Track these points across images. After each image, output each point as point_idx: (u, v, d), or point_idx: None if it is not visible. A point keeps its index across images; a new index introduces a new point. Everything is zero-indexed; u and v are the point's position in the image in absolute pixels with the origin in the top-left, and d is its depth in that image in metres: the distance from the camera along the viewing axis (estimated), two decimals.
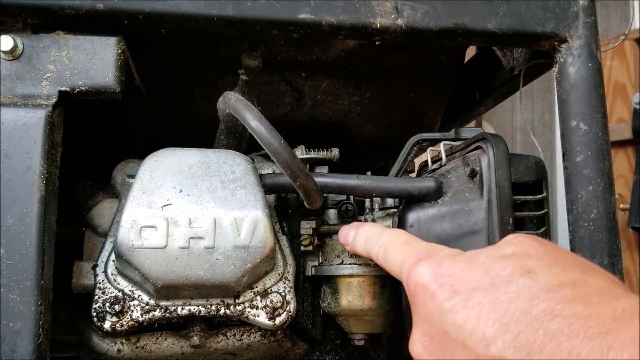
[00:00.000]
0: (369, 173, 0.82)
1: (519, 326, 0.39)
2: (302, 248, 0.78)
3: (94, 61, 0.62)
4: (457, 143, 0.73)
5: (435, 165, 0.74)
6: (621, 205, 2.44)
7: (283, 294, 0.70)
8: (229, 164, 0.70)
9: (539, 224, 0.65)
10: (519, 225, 0.64)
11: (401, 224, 0.72)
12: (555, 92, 0.71)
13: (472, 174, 0.64)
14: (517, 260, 0.44)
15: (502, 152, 0.62)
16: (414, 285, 0.48)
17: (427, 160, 0.77)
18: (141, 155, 0.70)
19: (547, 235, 0.65)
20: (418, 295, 0.48)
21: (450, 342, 0.43)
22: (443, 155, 0.72)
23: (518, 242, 0.47)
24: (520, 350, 0.38)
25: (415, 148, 0.77)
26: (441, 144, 0.73)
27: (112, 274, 0.68)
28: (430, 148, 0.76)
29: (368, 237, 0.63)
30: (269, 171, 0.78)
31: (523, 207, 0.65)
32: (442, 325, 0.44)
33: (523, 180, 0.64)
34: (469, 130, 0.75)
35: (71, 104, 0.63)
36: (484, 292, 0.43)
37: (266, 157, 0.80)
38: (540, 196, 0.65)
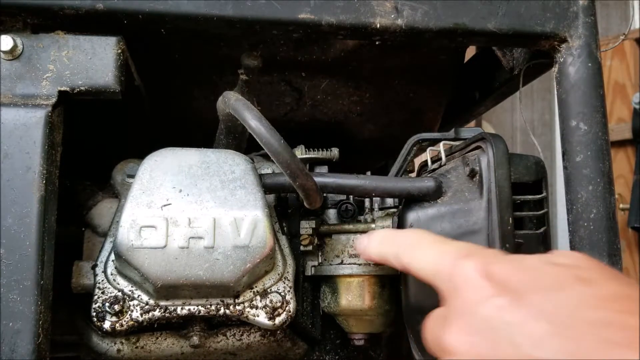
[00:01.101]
0: (368, 173, 0.82)
1: (570, 330, 0.39)
2: (301, 248, 0.78)
3: (94, 61, 0.62)
4: (457, 143, 0.73)
5: (435, 165, 0.74)
6: (621, 205, 2.44)
7: (283, 293, 0.70)
8: (228, 164, 0.70)
9: (538, 223, 0.65)
10: (519, 225, 0.64)
11: (401, 224, 0.72)
12: (555, 92, 0.71)
13: (472, 174, 0.64)
14: (571, 269, 0.44)
15: (502, 152, 0.62)
16: (460, 279, 0.47)
17: (426, 160, 0.77)
18: (141, 155, 0.70)
19: (547, 235, 0.65)
20: (463, 290, 0.46)
21: (497, 339, 0.42)
22: (443, 155, 0.72)
23: (569, 255, 0.46)
24: (569, 355, 0.38)
25: (415, 148, 0.77)
26: (441, 144, 0.73)
27: (111, 274, 0.68)
28: (430, 148, 0.76)
29: (382, 240, 0.60)
30: (269, 171, 0.78)
31: (523, 206, 0.65)
32: (490, 321, 0.43)
33: (523, 180, 0.64)
34: (468, 130, 0.75)
35: (71, 104, 0.63)
36: (536, 293, 0.42)
37: (266, 157, 0.80)
38: (540, 196, 0.65)
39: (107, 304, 0.66)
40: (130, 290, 0.67)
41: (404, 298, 0.71)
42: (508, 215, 0.61)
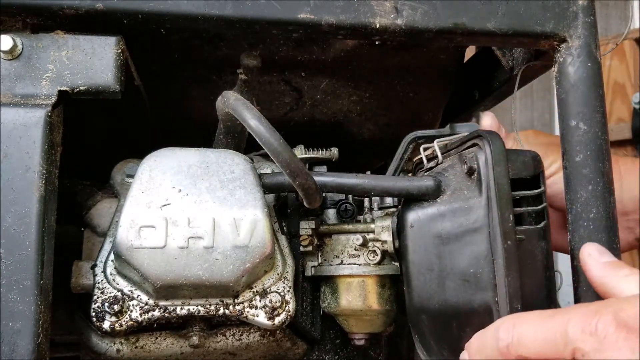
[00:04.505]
0: (368, 172, 0.82)
1: None
2: (301, 248, 0.78)
3: (94, 61, 0.62)
4: (452, 140, 0.74)
5: (432, 164, 0.74)
6: None
7: (282, 293, 0.70)
8: (228, 164, 0.70)
9: (538, 218, 0.65)
10: (519, 221, 0.64)
11: (401, 224, 0.72)
12: (555, 92, 0.71)
13: (470, 172, 0.64)
14: None
15: (499, 149, 0.62)
16: (599, 339, 0.45)
17: (421, 158, 0.77)
18: (140, 155, 0.70)
19: (547, 229, 0.65)
20: (605, 349, 0.45)
21: None
22: (438, 153, 0.72)
23: None
24: None
25: (411, 146, 0.77)
26: (435, 142, 0.73)
27: (111, 274, 0.68)
28: (423, 146, 0.76)
29: (478, 346, 0.55)
30: (268, 171, 0.78)
31: (522, 202, 0.65)
32: None
33: (521, 176, 0.64)
34: (464, 126, 0.76)
35: (70, 104, 0.63)
36: None
37: (265, 157, 0.80)
38: (538, 191, 0.65)
39: (106, 304, 0.66)
40: (129, 290, 0.67)
41: (408, 298, 0.71)
42: (508, 212, 0.61)
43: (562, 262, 0.78)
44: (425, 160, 0.75)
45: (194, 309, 0.67)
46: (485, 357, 0.54)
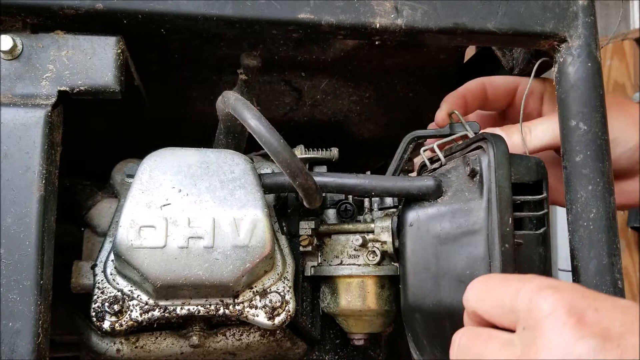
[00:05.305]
0: (368, 173, 0.82)
1: None
2: (301, 248, 0.78)
3: (94, 61, 0.62)
4: (449, 140, 0.74)
5: (436, 165, 0.74)
6: None
7: (282, 293, 0.70)
8: (228, 164, 0.70)
9: (538, 224, 0.65)
10: (519, 226, 0.64)
11: (400, 223, 0.72)
12: (555, 92, 0.71)
13: (472, 174, 0.64)
14: None
15: (503, 152, 0.62)
16: (543, 313, 0.42)
17: (424, 161, 0.77)
18: (140, 155, 0.70)
19: (547, 236, 0.65)
20: (546, 326, 0.42)
21: None
22: (440, 155, 0.72)
23: None
24: None
25: (410, 146, 0.77)
26: (435, 144, 0.73)
27: (111, 274, 0.68)
28: (422, 149, 0.76)
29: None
30: (268, 171, 0.78)
31: (523, 207, 0.65)
32: None
33: (523, 181, 0.64)
34: (463, 125, 0.76)
35: (70, 104, 0.63)
36: (635, 336, 0.40)
37: (265, 157, 0.80)
38: (540, 196, 0.65)
39: (106, 304, 0.66)
40: (129, 290, 0.67)
41: (403, 297, 0.71)
42: (508, 216, 0.61)
43: (562, 262, 0.78)
44: (428, 162, 0.75)
45: (194, 309, 0.68)
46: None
